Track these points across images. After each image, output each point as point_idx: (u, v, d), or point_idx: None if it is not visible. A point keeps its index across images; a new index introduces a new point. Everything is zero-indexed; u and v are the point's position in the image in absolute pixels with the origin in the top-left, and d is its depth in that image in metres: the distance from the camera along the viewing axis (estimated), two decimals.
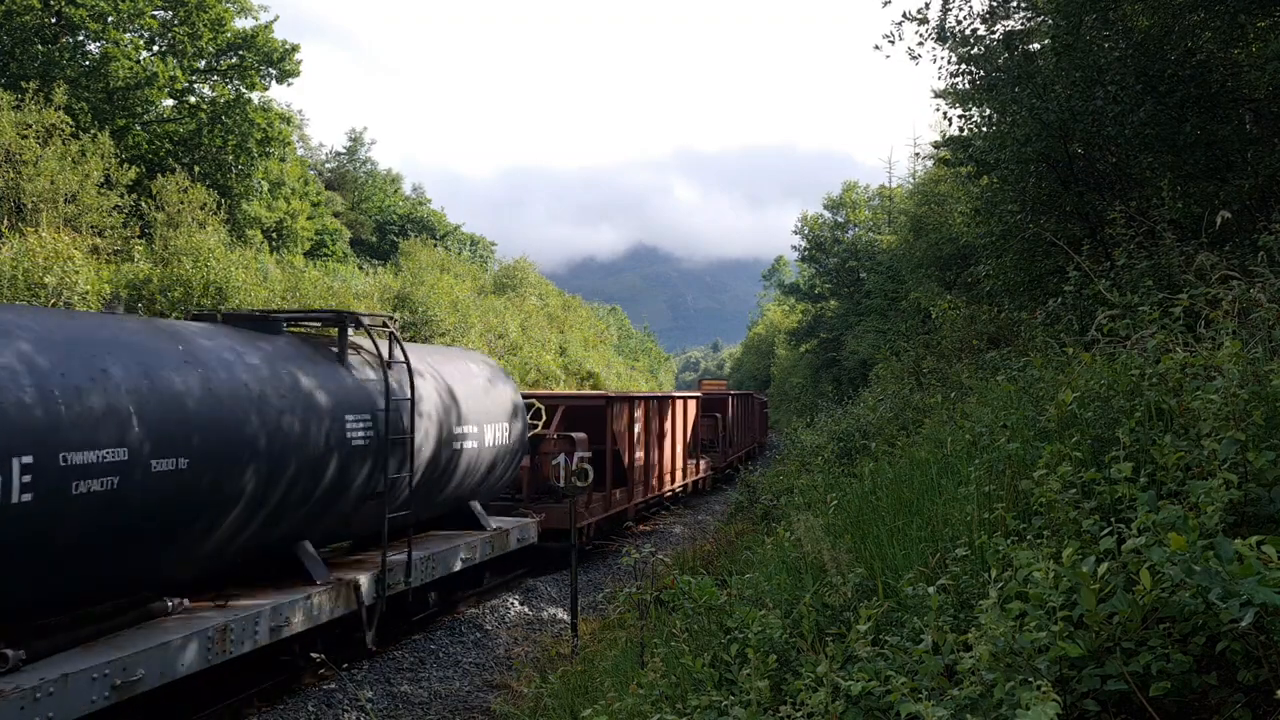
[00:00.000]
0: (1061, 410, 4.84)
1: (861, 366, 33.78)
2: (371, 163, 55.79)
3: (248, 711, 8.25)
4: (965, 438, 6.35)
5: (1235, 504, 3.31)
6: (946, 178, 24.15)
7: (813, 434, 19.09)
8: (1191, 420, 4.06)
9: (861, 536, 5.71)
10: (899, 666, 3.38)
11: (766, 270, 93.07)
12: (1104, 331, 5.87)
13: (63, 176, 19.02)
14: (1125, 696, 2.86)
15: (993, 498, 4.78)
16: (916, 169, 37.48)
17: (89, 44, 27.28)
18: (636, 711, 4.64)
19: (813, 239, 51.55)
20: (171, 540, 7.26)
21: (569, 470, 11.11)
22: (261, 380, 8.21)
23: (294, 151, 37.37)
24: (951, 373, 13.00)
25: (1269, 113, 10.13)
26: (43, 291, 15.91)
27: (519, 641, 11.28)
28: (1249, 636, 2.70)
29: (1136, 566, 2.95)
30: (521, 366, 34.04)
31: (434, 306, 29.16)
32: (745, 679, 3.84)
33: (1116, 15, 10.44)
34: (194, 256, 20.26)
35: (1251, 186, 9.63)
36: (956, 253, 21.38)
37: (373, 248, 48.81)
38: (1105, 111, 10.17)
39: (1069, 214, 11.51)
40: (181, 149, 27.93)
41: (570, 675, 7.89)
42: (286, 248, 33.10)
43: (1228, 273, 5.70)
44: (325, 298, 23.70)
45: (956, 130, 14.33)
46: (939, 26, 12.79)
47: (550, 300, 51.42)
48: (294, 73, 30.20)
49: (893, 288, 30.26)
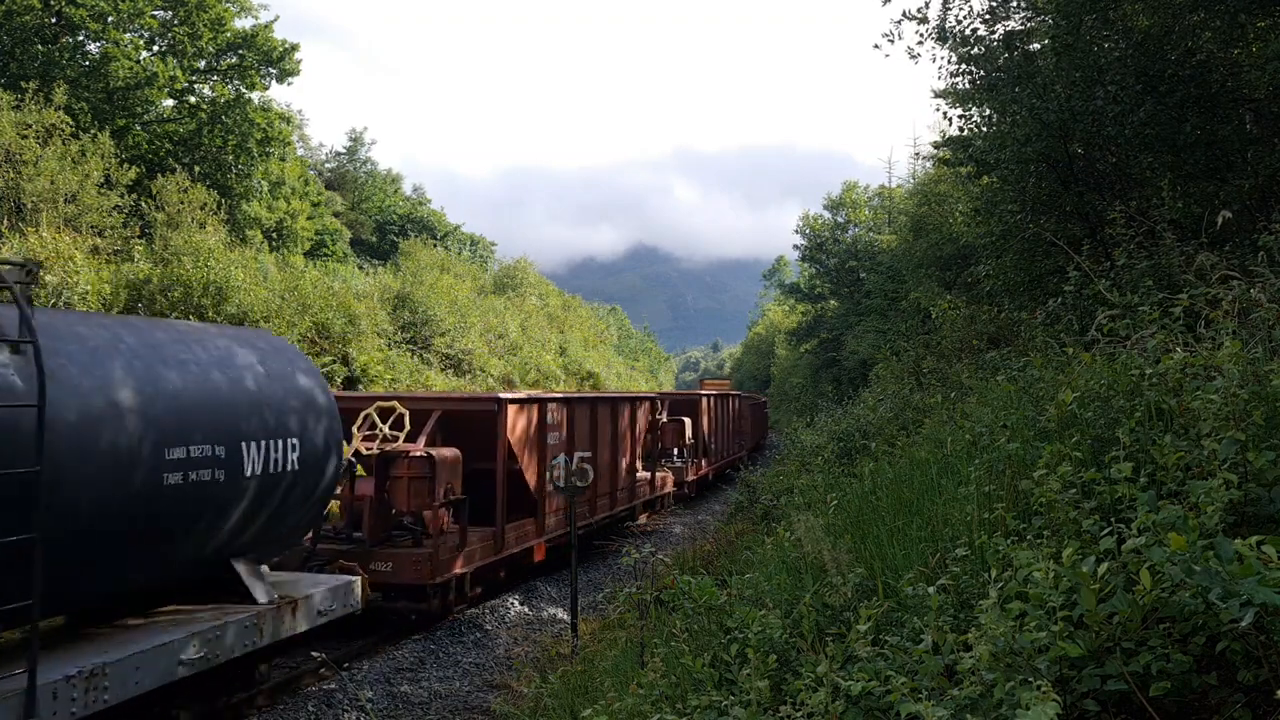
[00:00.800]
0: (1061, 410, 4.84)
1: (861, 366, 33.78)
2: (371, 163, 55.83)
3: (248, 711, 8.24)
4: (965, 438, 6.35)
5: (1235, 504, 3.31)
6: (946, 178, 24.16)
7: (813, 434, 19.08)
8: (1191, 420, 4.06)
9: (861, 536, 5.71)
10: (899, 666, 3.38)
11: (767, 270, 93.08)
12: (1104, 331, 5.87)
13: (63, 176, 19.02)
14: (1125, 696, 2.86)
15: (993, 498, 4.78)
16: (916, 169, 37.50)
17: (89, 44, 27.28)
18: (636, 711, 4.64)
19: (813, 239, 51.58)
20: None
21: (569, 470, 11.08)
22: None
23: (294, 151, 37.38)
24: (951, 373, 13.00)
25: (1269, 113, 10.13)
26: (43, 291, 15.90)
27: (519, 641, 11.27)
28: (1249, 636, 2.70)
29: (1136, 566, 2.95)
30: (521, 366, 34.03)
31: (433, 306, 29.15)
32: (745, 679, 3.84)
33: (1116, 15, 10.44)
34: (194, 256, 20.26)
35: (1251, 186, 9.63)
36: (956, 253, 21.39)
37: (373, 248, 48.81)
38: (1105, 111, 10.17)
39: (1069, 214, 11.51)
40: (181, 149, 27.92)
41: (570, 675, 7.89)
42: (286, 248, 33.10)
43: (1228, 273, 5.70)
44: (326, 298, 23.70)
45: (956, 130, 14.34)
46: (939, 26, 12.80)
47: (550, 300, 51.43)
48: (294, 72, 30.19)
49: (893, 288, 30.26)
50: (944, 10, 12.73)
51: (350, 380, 22.60)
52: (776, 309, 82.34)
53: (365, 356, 23.57)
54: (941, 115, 20.51)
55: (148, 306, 19.20)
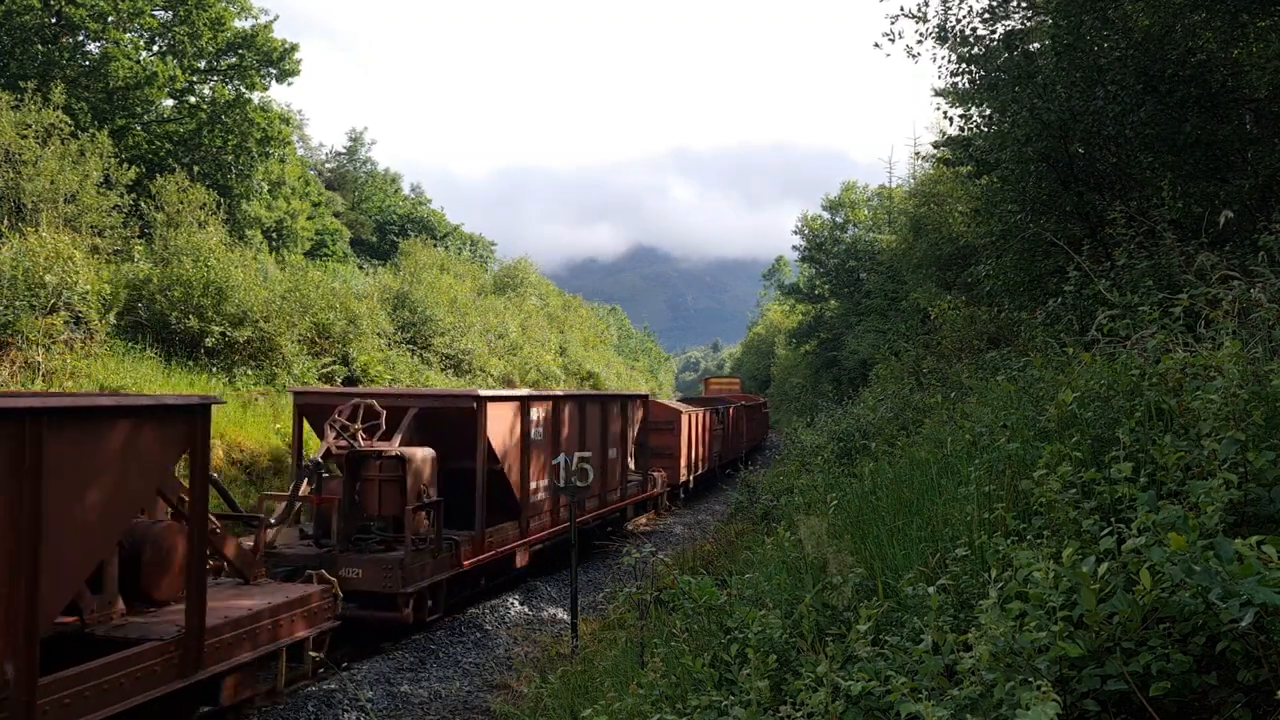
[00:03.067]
0: (1061, 410, 4.84)
1: (861, 366, 33.78)
2: (371, 163, 55.81)
3: (248, 711, 8.24)
4: (965, 438, 6.35)
5: (1235, 504, 3.31)
6: (946, 178, 24.17)
7: (813, 434, 19.08)
8: (1191, 420, 4.06)
9: (861, 536, 5.71)
10: (899, 666, 3.38)
11: (766, 270, 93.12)
12: (1104, 331, 5.87)
13: (62, 176, 19.01)
14: (1125, 696, 2.86)
15: (993, 498, 4.78)
16: (916, 169, 37.51)
17: (89, 44, 27.27)
18: (636, 711, 4.64)
19: (812, 239, 51.59)
20: None
21: (569, 470, 11.04)
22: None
23: (294, 151, 37.36)
24: (951, 373, 13.00)
25: (1269, 113, 10.13)
26: (43, 291, 15.91)
27: (519, 641, 11.27)
28: (1249, 636, 2.70)
29: (1136, 566, 2.95)
30: (521, 366, 34.03)
31: (433, 306, 29.15)
32: (745, 679, 3.84)
33: (1116, 15, 10.43)
34: (194, 256, 20.26)
35: (1251, 186, 9.63)
36: (956, 253, 21.40)
37: (373, 248, 48.80)
38: (1105, 111, 10.17)
39: (1069, 214, 11.51)
40: (181, 149, 27.91)
41: (570, 675, 7.89)
42: (286, 248, 33.09)
43: (1228, 273, 5.70)
44: (326, 298, 23.70)
45: (956, 130, 14.34)
46: (939, 25, 12.80)
47: (550, 300, 51.43)
48: (294, 72, 30.18)
49: (893, 288, 30.27)
50: (944, 9, 12.74)
51: (350, 380, 22.60)
52: (776, 309, 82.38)
53: (365, 356, 23.57)
54: (942, 115, 20.51)
55: (148, 306, 19.22)
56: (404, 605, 10.29)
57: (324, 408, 11.89)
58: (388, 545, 10.66)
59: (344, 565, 10.17)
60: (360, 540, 10.67)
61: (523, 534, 13.16)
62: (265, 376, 20.33)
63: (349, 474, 10.70)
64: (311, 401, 12.56)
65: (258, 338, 20.61)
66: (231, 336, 19.87)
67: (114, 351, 17.48)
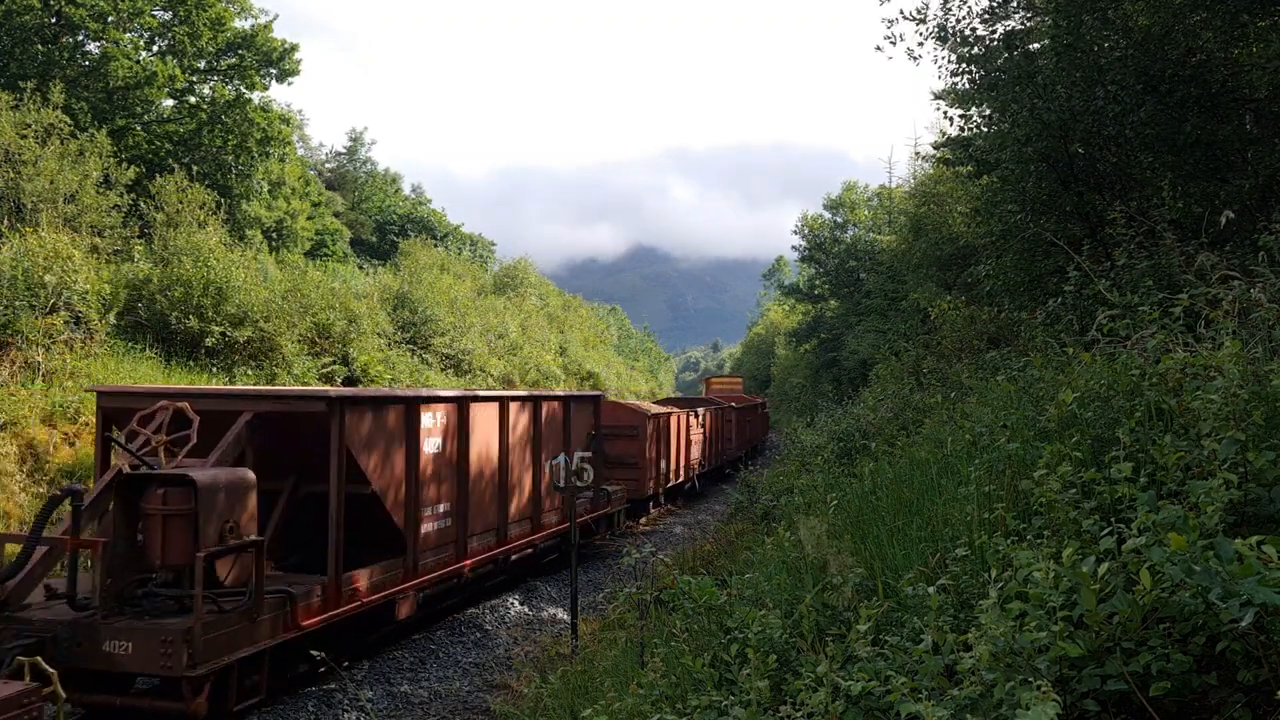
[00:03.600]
0: (1061, 410, 4.85)
1: (861, 366, 33.79)
2: (371, 163, 55.84)
3: (248, 712, 8.24)
4: (965, 438, 6.36)
5: (1235, 504, 3.31)
6: (946, 178, 24.18)
7: (813, 434, 19.09)
8: (1191, 420, 4.06)
9: (861, 536, 5.71)
10: (899, 666, 3.38)
11: (766, 270, 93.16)
12: (1104, 331, 5.87)
13: (62, 176, 19.01)
14: (1125, 696, 2.86)
15: (993, 498, 4.78)
16: (916, 169, 37.52)
17: (89, 44, 27.27)
18: (636, 711, 4.64)
19: (812, 239, 51.59)
20: None
21: (568, 469, 11.01)
22: None
23: (294, 151, 37.36)
24: (951, 373, 13.01)
25: (1269, 113, 10.13)
26: (42, 291, 15.91)
27: (519, 641, 11.28)
28: (1249, 636, 2.70)
29: (1136, 566, 2.95)
30: (522, 366, 34.01)
31: (433, 306, 29.14)
32: (745, 679, 3.84)
33: (1116, 15, 10.44)
34: (194, 256, 20.26)
35: (1251, 186, 9.63)
36: (956, 253, 21.40)
37: (373, 248, 48.81)
38: (1105, 111, 10.17)
39: (1069, 214, 11.51)
40: (181, 149, 27.91)
41: (570, 675, 7.89)
42: (286, 248, 33.10)
43: (1228, 273, 5.70)
44: (326, 298, 23.70)
45: (957, 130, 14.35)
46: (939, 26, 12.80)
47: (550, 300, 51.44)
48: (293, 72, 30.19)
49: (893, 288, 30.27)
50: (943, 10, 12.74)
51: (350, 381, 22.60)
52: (776, 309, 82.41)
53: (365, 357, 23.58)
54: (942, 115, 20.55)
55: (148, 306, 19.22)
56: (192, 694, 7.25)
57: (115, 411, 9.49)
58: (183, 604, 7.55)
59: (109, 636, 7.21)
60: (149, 598, 7.63)
61: (410, 575, 10.23)
62: (265, 377, 20.33)
63: (120, 506, 7.79)
64: (120, 405, 9.53)
65: (258, 338, 20.61)
66: (231, 336, 19.88)
67: (114, 351, 17.48)
